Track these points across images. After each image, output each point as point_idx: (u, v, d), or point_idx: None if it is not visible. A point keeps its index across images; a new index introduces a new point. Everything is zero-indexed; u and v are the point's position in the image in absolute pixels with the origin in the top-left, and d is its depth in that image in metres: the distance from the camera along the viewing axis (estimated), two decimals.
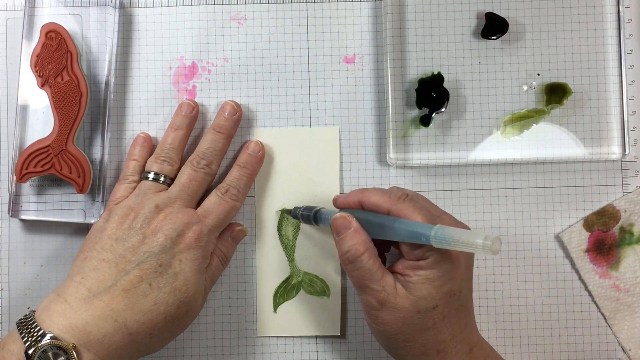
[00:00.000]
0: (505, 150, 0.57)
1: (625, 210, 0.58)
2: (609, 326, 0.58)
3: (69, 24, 0.56)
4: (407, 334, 0.47)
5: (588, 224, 0.58)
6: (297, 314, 0.57)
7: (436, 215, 0.49)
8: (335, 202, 0.53)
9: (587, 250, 0.58)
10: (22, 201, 0.56)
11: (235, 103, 0.57)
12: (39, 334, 0.46)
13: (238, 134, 0.57)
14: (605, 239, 0.58)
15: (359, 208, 0.51)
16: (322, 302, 0.57)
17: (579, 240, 0.58)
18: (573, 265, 0.58)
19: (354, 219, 0.49)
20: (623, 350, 0.58)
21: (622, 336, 0.58)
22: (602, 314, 0.58)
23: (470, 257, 0.49)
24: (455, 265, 0.47)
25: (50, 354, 0.46)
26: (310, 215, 0.54)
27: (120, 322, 0.48)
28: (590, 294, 0.58)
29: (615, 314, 0.58)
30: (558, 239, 0.58)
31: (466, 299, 0.49)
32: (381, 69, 0.58)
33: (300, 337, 0.58)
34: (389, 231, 0.47)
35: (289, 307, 0.57)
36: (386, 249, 0.53)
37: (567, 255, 0.58)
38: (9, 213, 0.56)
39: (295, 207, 0.56)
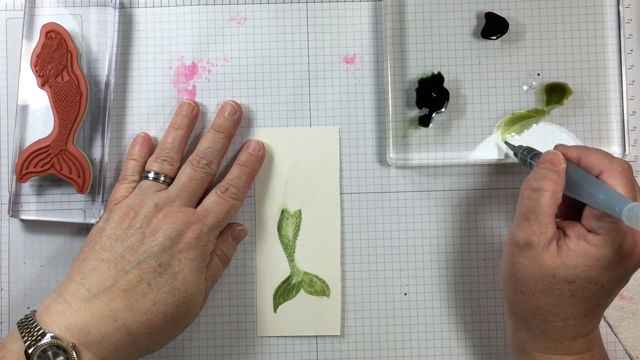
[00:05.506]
0: (505, 150, 0.57)
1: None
2: (615, 334, 0.58)
3: (69, 24, 0.56)
4: (528, 286, 0.46)
5: None
6: (297, 314, 0.57)
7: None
8: (556, 146, 0.50)
9: None
10: (22, 201, 0.56)
11: (236, 103, 0.57)
12: (39, 333, 0.46)
13: (238, 133, 0.57)
14: None
15: (574, 161, 0.48)
16: (322, 302, 0.57)
17: None
18: None
19: (565, 164, 0.47)
20: (630, 358, 0.58)
21: (629, 344, 0.57)
22: (608, 323, 0.58)
23: (635, 264, 0.47)
24: (617, 260, 0.45)
25: (50, 353, 0.46)
26: (526, 159, 0.52)
27: (120, 322, 0.48)
28: None
29: (621, 322, 0.57)
30: None
31: (606, 294, 0.47)
32: (381, 69, 0.58)
33: (300, 337, 0.58)
34: (586, 192, 0.45)
35: (289, 307, 0.57)
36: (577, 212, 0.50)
37: None
38: (9, 213, 0.56)
39: (519, 145, 0.54)
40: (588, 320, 0.48)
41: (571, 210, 0.49)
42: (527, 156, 0.52)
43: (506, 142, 0.57)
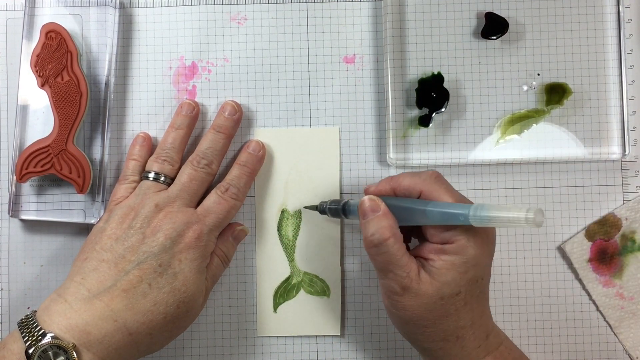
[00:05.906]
0: (505, 150, 0.57)
1: (626, 219, 0.58)
2: (615, 335, 0.58)
3: (69, 24, 0.56)
4: (428, 320, 0.47)
5: (590, 233, 0.58)
6: (297, 314, 0.57)
7: (463, 199, 0.48)
8: (366, 191, 0.52)
9: (590, 260, 0.57)
10: (22, 201, 0.56)
11: (236, 103, 0.57)
12: (39, 333, 0.46)
13: (238, 133, 0.57)
14: (607, 247, 0.58)
15: (390, 195, 0.50)
16: (322, 302, 0.57)
17: (581, 250, 0.57)
18: (576, 275, 0.58)
19: (383, 202, 0.48)
20: (630, 358, 0.58)
21: (629, 344, 0.57)
22: (608, 323, 0.58)
23: (494, 244, 0.49)
24: (481, 252, 0.47)
25: (50, 353, 0.46)
26: (338, 208, 0.53)
27: (120, 322, 0.48)
28: (594, 304, 0.58)
29: (621, 322, 0.57)
30: (560, 250, 0.58)
31: (486, 285, 0.49)
32: (381, 69, 0.58)
33: (300, 337, 0.58)
34: (420, 214, 0.47)
35: (289, 307, 0.57)
36: (407, 239, 0.53)
37: (570, 266, 0.58)
38: (9, 213, 0.56)
39: (321, 202, 0.55)
40: (487, 316, 0.50)
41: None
42: (339, 205, 0.53)
43: (305, 207, 0.57)
